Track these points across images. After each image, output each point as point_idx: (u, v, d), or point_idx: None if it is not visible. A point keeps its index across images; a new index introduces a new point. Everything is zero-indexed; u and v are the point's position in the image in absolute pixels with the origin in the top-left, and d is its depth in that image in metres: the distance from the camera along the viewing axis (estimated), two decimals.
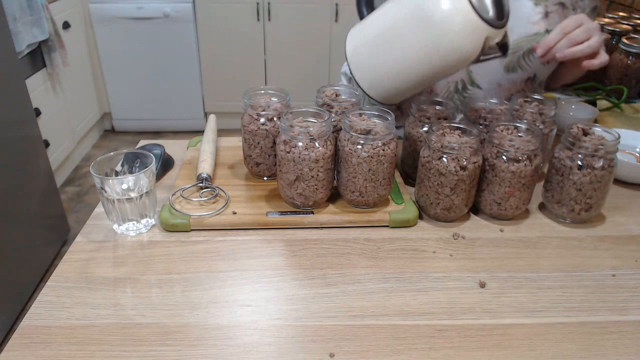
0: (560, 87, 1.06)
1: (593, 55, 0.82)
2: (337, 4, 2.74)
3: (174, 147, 0.94)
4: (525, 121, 0.76)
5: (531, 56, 0.90)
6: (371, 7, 0.86)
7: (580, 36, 0.80)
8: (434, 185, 0.71)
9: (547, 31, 0.89)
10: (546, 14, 0.90)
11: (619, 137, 0.70)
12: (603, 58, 0.82)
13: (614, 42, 1.22)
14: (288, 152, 0.69)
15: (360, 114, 0.73)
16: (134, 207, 0.69)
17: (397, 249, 0.69)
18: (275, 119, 0.77)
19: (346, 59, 0.82)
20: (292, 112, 0.73)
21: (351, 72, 0.82)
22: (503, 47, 0.75)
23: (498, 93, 0.95)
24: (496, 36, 0.72)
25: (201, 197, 0.77)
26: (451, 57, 0.73)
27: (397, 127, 1.06)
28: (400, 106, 1.04)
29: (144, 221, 0.71)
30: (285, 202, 0.76)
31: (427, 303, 0.60)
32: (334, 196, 0.76)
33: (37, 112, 2.11)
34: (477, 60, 0.74)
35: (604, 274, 0.65)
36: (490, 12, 0.71)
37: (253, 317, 0.58)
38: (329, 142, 0.70)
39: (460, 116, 0.97)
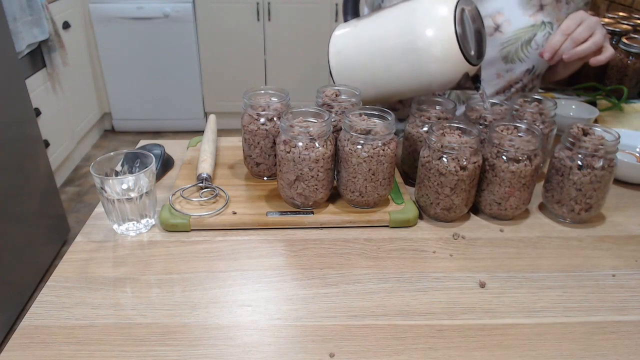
0: (558, 81, 1.06)
1: (599, 51, 0.83)
2: (337, 4, 2.74)
3: (174, 147, 0.94)
4: (525, 121, 0.76)
5: (529, 47, 0.91)
6: (357, 14, 0.88)
7: (583, 34, 0.82)
8: (434, 185, 0.71)
9: (544, 23, 0.91)
10: (541, 7, 0.91)
11: (619, 137, 0.70)
12: (609, 52, 0.84)
13: (614, 42, 1.22)
14: (288, 152, 0.69)
15: (360, 114, 0.73)
16: (134, 207, 0.69)
17: (397, 249, 0.69)
18: (275, 119, 0.77)
19: (328, 62, 0.84)
20: (292, 112, 0.73)
21: (332, 76, 0.84)
22: (475, 78, 0.78)
23: (497, 84, 0.96)
24: (472, 72, 0.76)
25: (201, 197, 0.77)
26: (429, 85, 0.77)
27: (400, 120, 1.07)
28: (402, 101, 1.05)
29: (144, 221, 0.71)
30: (285, 202, 0.76)
31: (427, 303, 0.60)
32: (334, 196, 0.76)
33: (37, 112, 2.11)
34: (453, 88, 0.78)
35: (604, 274, 0.65)
36: (472, 51, 0.75)
37: (253, 317, 0.58)
38: (329, 142, 0.70)
39: (462, 107, 0.98)
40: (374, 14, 0.83)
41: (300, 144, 0.68)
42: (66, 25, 2.46)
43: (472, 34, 0.76)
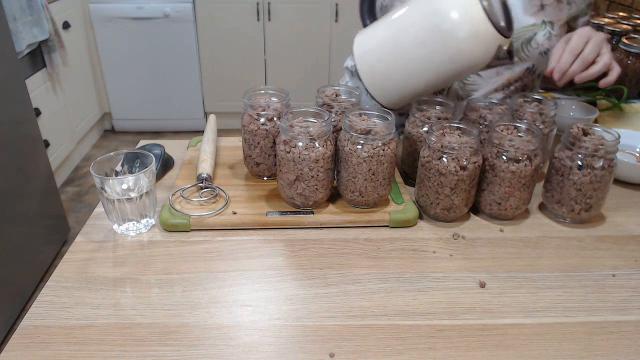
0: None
1: (607, 71, 0.83)
2: (337, 4, 2.74)
3: (174, 147, 0.94)
4: (525, 121, 0.76)
5: (529, 46, 0.91)
6: (374, 17, 0.88)
7: (592, 54, 0.80)
8: (434, 185, 0.71)
9: (544, 22, 0.90)
10: (542, 6, 0.91)
11: (619, 137, 0.70)
12: (616, 72, 0.83)
13: (614, 42, 1.22)
14: (288, 152, 0.69)
15: (360, 114, 0.73)
16: (134, 207, 0.69)
17: (397, 249, 0.69)
18: (275, 119, 0.77)
19: (355, 67, 0.83)
20: (292, 112, 0.73)
21: (360, 79, 0.83)
22: (509, 53, 0.77)
23: (497, 82, 0.96)
24: (505, 44, 0.74)
25: (201, 197, 0.77)
26: (464, 65, 0.74)
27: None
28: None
29: (144, 221, 0.71)
30: (285, 202, 0.76)
31: (427, 303, 0.60)
32: (334, 196, 0.76)
33: (37, 112, 2.11)
34: (487, 67, 0.76)
35: (604, 274, 0.65)
36: (502, 22, 0.73)
37: (253, 317, 0.58)
38: (329, 142, 0.70)
39: (462, 102, 0.98)
40: (394, 10, 0.81)
41: (300, 144, 0.68)
42: (66, 25, 2.46)
43: (499, 6, 0.74)
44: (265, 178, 0.83)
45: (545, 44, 0.91)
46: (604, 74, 0.83)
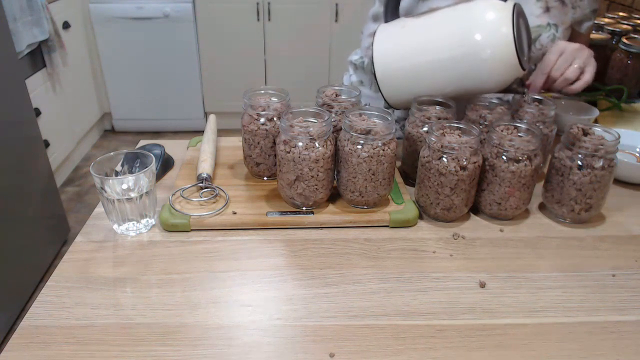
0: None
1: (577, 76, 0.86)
2: (337, 4, 2.74)
3: (174, 147, 0.94)
4: (525, 121, 0.76)
5: (533, 47, 0.92)
6: (396, 15, 0.89)
7: (570, 58, 0.84)
8: (434, 185, 0.71)
9: (549, 25, 0.91)
10: (547, 9, 0.92)
11: (619, 137, 0.70)
12: (585, 78, 0.85)
13: (614, 42, 1.22)
14: (288, 152, 0.69)
15: (360, 114, 0.73)
16: (134, 207, 0.69)
17: (397, 249, 0.69)
18: (275, 119, 0.77)
19: (372, 68, 0.85)
20: (292, 112, 0.73)
21: (377, 81, 0.84)
22: (520, 81, 0.83)
23: None
24: (522, 75, 0.80)
25: (201, 197, 0.77)
26: (482, 90, 0.81)
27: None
28: None
29: (144, 221, 0.71)
30: (285, 202, 0.76)
31: (427, 303, 0.60)
32: (334, 196, 0.76)
33: (37, 112, 2.11)
34: (503, 92, 0.83)
35: (604, 274, 0.65)
36: (525, 57, 0.78)
37: (253, 317, 0.58)
38: (329, 142, 0.70)
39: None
40: (422, 16, 0.83)
41: (300, 144, 0.68)
42: (66, 25, 2.46)
43: (525, 41, 0.78)
44: (265, 178, 0.83)
45: (548, 46, 0.91)
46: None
